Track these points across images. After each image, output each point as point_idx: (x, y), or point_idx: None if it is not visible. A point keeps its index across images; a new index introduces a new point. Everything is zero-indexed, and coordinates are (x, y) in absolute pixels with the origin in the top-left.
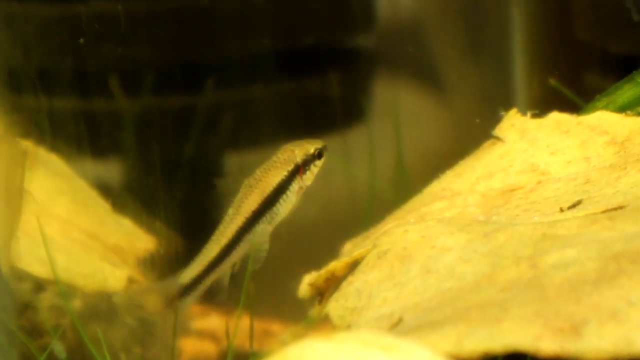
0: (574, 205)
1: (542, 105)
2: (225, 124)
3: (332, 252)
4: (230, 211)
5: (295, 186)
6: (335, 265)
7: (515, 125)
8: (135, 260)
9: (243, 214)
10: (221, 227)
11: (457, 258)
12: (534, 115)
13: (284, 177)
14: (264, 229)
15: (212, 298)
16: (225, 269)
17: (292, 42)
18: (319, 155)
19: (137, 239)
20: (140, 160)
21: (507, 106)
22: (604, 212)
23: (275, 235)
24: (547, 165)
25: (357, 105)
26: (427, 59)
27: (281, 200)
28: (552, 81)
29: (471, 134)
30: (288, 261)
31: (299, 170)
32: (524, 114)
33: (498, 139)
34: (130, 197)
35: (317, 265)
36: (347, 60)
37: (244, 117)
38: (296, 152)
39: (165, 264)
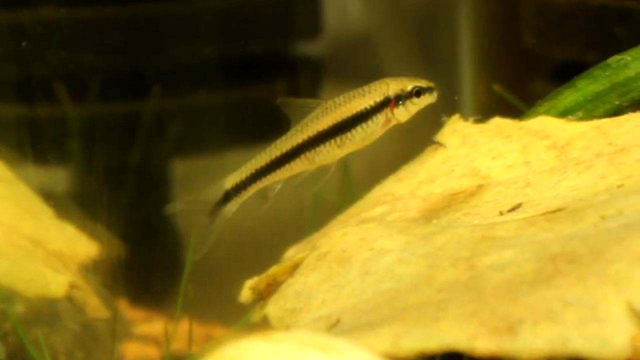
0: (513, 209)
1: (488, 111)
2: (171, 131)
3: (277, 258)
4: (296, 127)
5: (380, 118)
6: (277, 270)
7: (457, 131)
8: (78, 266)
9: (307, 131)
10: (278, 141)
11: (395, 260)
12: (477, 121)
13: (367, 106)
14: (331, 151)
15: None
16: (273, 181)
17: (239, 50)
18: (417, 93)
19: (80, 245)
20: (85, 166)
21: (453, 113)
22: (543, 214)
23: (218, 240)
24: (488, 170)
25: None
26: (374, 67)
27: (359, 128)
28: (496, 87)
29: (416, 140)
30: (232, 266)
31: (389, 102)
32: (468, 119)
33: (440, 144)
34: (73, 203)
35: (261, 270)
36: (294, 68)
37: (190, 124)
38: (391, 85)
39: (108, 270)
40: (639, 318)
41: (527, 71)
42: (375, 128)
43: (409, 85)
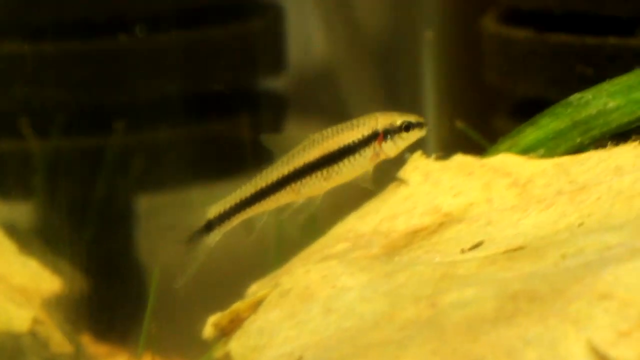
0: (475, 246)
1: (450, 148)
2: (135, 166)
3: (240, 294)
4: (282, 159)
5: (368, 152)
6: (240, 306)
7: (419, 168)
8: (41, 301)
9: (293, 163)
10: (264, 172)
11: (357, 297)
12: (439, 158)
13: (355, 139)
14: (317, 183)
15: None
16: (258, 212)
17: (202, 85)
18: (406, 128)
19: (44, 280)
20: (48, 201)
21: (416, 149)
22: (504, 252)
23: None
24: (450, 207)
25: (266, 148)
26: (337, 102)
27: (346, 161)
28: (459, 124)
29: (379, 176)
30: (195, 302)
31: (377, 137)
32: (431, 156)
33: (402, 181)
34: (37, 238)
35: (224, 306)
36: (258, 103)
37: (153, 160)
38: (380, 119)
39: (71, 305)
40: (599, 357)
41: (490, 108)
42: (363, 162)
43: (399, 120)
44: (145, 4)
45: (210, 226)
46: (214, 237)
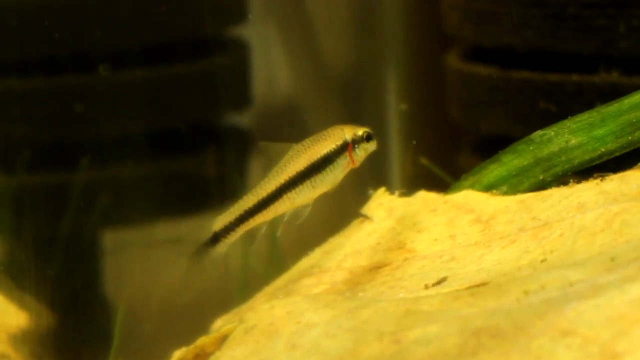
0: (438, 282)
1: (415, 184)
2: (100, 202)
3: (205, 328)
4: (274, 169)
5: (342, 161)
6: (204, 341)
7: (383, 204)
8: (7, 335)
9: (287, 172)
10: (262, 182)
11: (322, 333)
12: (402, 194)
13: (332, 149)
14: (308, 191)
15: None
16: (260, 221)
17: (167, 122)
18: (367, 138)
19: (9, 314)
20: (13, 236)
21: (381, 185)
22: (467, 288)
23: (146, 311)
24: (413, 243)
25: (231, 183)
26: (302, 137)
27: (327, 170)
28: (424, 160)
29: (344, 212)
30: (161, 338)
31: (347, 146)
32: (395, 193)
33: (366, 217)
34: (2, 274)
35: (189, 341)
36: (222, 139)
37: (118, 196)
38: (345, 130)
39: (37, 340)
40: None
41: (454, 144)
42: (339, 171)
43: (360, 130)
44: (110, 41)
45: (216, 238)
46: (221, 249)
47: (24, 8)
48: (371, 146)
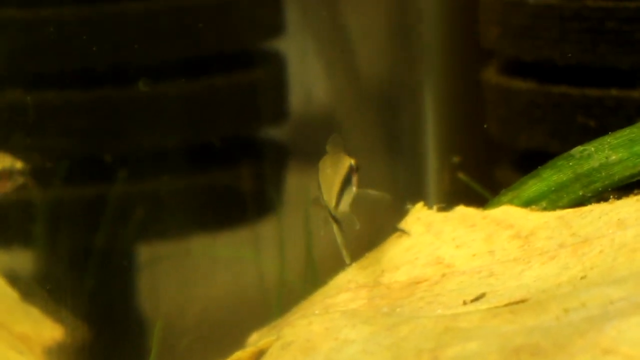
0: (477, 298)
1: (453, 199)
2: (136, 215)
3: (241, 342)
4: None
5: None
6: (240, 355)
7: (421, 219)
8: (42, 349)
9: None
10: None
11: (360, 350)
12: (441, 209)
13: (348, 167)
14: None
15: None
16: None
17: (204, 135)
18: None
19: (45, 328)
20: (49, 250)
21: (418, 200)
22: (506, 305)
23: (185, 327)
24: (452, 258)
25: (267, 197)
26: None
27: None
28: (462, 175)
29: (380, 226)
30: (198, 352)
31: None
32: (433, 207)
33: (404, 232)
34: (38, 287)
35: (225, 354)
36: (258, 153)
37: (154, 209)
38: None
39: (72, 354)
40: None
41: (492, 159)
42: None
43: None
44: (148, 54)
45: None
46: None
47: (63, 20)
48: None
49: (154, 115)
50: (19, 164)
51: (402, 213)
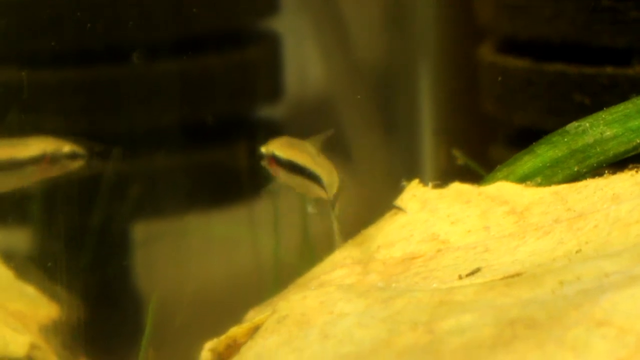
0: (472, 273)
1: (448, 176)
2: (132, 193)
3: (237, 320)
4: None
5: None
6: (236, 331)
7: (416, 196)
8: (38, 326)
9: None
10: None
11: (355, 323)
12: (436, 186)
13: None
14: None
15: None
16: None
17: (199, 114)
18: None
19: (40, 305)
20: (45, 228)
21: (414, 177)
22: (501, 279)
23: (180, 304)
24: (447, 235)
25: (263, 175)
26: (334, 131)
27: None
28: (456, 152)
29: (377, 204)
30: (192, 327)
31: None
32: (428, 184)
33: (400, 209)
34: (34, 265)
35: (221, 332)
36: (255, 131)
37: (150, 187)
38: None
39: (68, 331)
40: None
41: (487, 137)
42: None
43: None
44: (142, 33)
45: None
46: None
47: (57, 0)
48: None
49: (149, 94)
50: (66, 148)
51: (397, 190)
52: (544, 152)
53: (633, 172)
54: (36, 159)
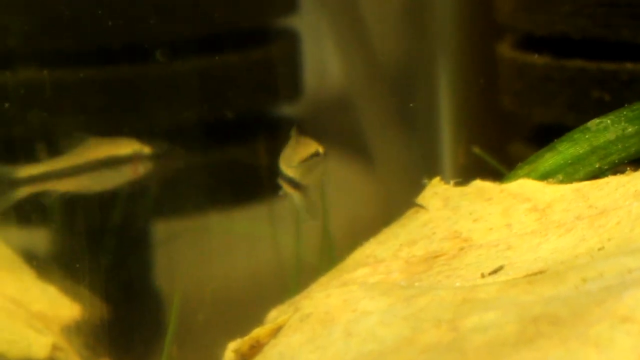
0: (495, 271)
1: (467, 173)
2: (153, 192)
3: (259, 320)
4: None
5: None
6: (259, 332)
7: (438, 194)
8: (60, 327)
9: None
10: None
11: (378, 322)
12: (457, 184)
13: None
14: None
15: None
16: None
17: (218, 112)
18: None
19: (62, 306)
20: (66, 227)
21: (433, 175)
22: (524, 276)
23: (201, 303)
24: (469, 232)
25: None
26: (353, 129)
27: None
28: (476, 150)
29: (396, 202)
30: (215, 328)
31: None
32: (449, 182)
33: (421, 207)
34: (55, 265)
35: (244, 332)
36: (274, 129)
37: (171, 186)
38: None
39: (90, 331)
40: None
41: (507, 133)
42: None
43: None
44: (163, 30)
45: None
46: None
47: None
48: None
49: (170, 92)
50: (146, 149)
51: (417, 188)
52: (565, 149)
53: None
54: (130, 157)
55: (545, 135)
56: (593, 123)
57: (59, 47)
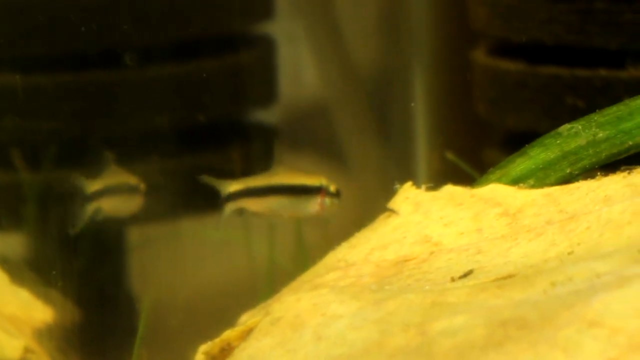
0: (465, 275)
1: (442, 179)
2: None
3: (230, 323)
4: None
5: None
6: (230, 334)
7: (409, 198)
8: (32, 330)
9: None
10: None
11: (348, 325)
12: (429, 188)
13: None
14: None
15: None
16: None
17: (193, 117)
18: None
19: (34, 309)
20: (39, 232)
21: (407, 180)
22: (494, 280)
23: (174, 307)
24: (440, 237)
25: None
26: (329, 134)
27: None
28: (450, 155)
29: (371, 207)
30: (186, 331)
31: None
32: (421, 187)
33: (393, 211)
34: (28, 269)
35: (215, 335)
36: (249, 135)
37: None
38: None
39: (62, 335)
40: None
41: (482, 139)
42: None
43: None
44: (137, 36)
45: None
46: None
47: (52, 4)
48: None
49: (143, 98)
50: (332, 187)
51: (390, 193)
52: (536, 154)
53: (625, 173)
54: (318, 190)
55: (519, 142)
56: (564, 128)
57: (33, 53)
